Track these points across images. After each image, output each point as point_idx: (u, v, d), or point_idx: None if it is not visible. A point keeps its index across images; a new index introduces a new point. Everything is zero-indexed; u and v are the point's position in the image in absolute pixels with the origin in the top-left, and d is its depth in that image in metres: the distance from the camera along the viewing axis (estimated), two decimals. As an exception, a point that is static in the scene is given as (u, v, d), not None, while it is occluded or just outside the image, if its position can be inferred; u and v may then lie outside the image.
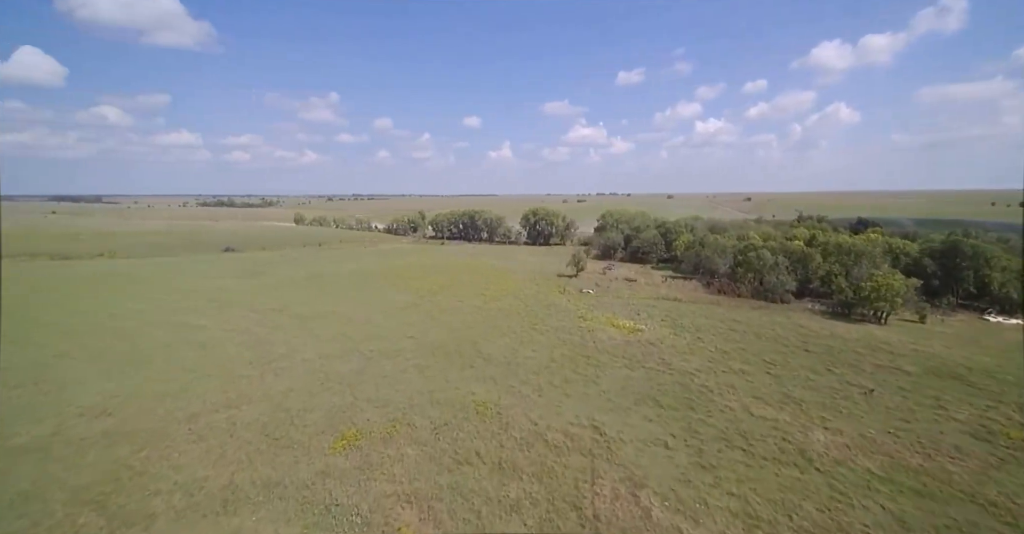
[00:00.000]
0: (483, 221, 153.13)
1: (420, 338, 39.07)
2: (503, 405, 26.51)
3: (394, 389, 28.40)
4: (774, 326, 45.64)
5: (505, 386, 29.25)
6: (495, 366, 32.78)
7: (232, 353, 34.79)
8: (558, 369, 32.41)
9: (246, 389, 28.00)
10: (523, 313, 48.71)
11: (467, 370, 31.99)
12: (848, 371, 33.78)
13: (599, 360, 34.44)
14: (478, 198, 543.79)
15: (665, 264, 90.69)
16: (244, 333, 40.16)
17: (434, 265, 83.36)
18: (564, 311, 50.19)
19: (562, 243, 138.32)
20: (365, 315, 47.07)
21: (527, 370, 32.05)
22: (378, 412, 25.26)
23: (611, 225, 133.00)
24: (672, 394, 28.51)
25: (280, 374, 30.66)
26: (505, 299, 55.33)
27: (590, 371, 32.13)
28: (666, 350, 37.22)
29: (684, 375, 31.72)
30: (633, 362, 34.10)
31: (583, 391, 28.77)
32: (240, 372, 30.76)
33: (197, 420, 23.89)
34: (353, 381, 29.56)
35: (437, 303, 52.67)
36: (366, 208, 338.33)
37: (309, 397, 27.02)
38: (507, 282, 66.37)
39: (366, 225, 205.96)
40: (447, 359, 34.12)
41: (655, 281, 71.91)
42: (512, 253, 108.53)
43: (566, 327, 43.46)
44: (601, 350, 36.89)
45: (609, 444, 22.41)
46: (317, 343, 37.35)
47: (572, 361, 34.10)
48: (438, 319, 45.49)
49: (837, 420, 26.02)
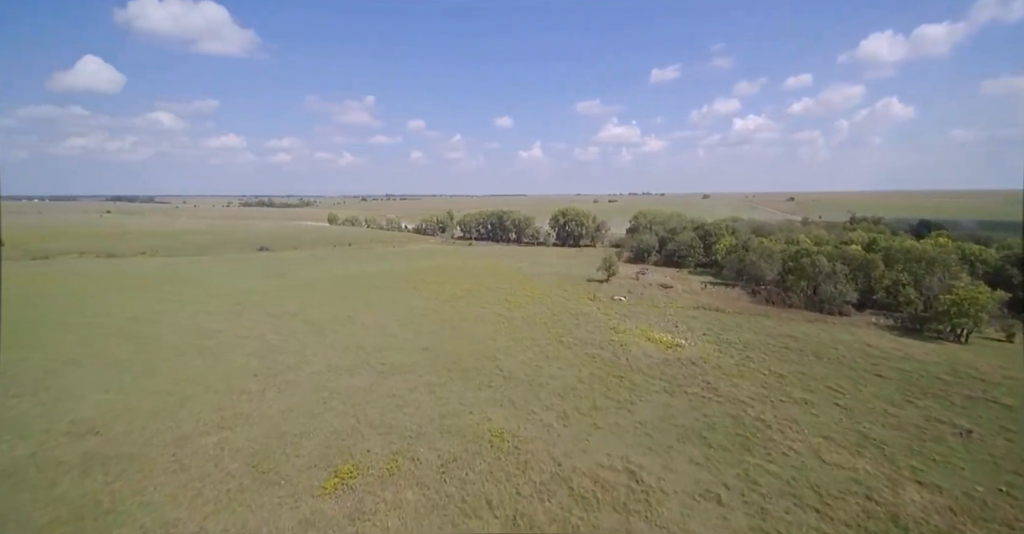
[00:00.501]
0: (511, 222, 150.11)
1: (436, 350, 36.17)
2: (522, 436, 23.09)
3: (402, 412, 25.51)
4: (836, 344, 40.14)
5: (526, 412, 25.82)
6: (516, 386, 29.39)
7: (240, 363, 32.93)
8: (587, 392, 28.68)
9: (245, 407, 25.78)
10: (549, 323, 45.12)
11: (484, 390, 28.75)
12: (934, 404, 28.46)
13: (633, 381, 30.45)
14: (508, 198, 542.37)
15: (704, 269, 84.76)
16: (257, 340, 38.45)
17: (458, 267, 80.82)
18: (594, 321, 46.24)
19: (592, 245, 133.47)
20: (382, 322, 44.72)
21: (551, 392, 28.49)
22: (380, 441, 22.37)
23: (644, 226, 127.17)
24: (722, 429, 24.29)
25: (284, 389, 28.38)
26: (530, 306, 51.87)
27: (623, 395, 28.23)
28: (711, 371, 32.78)
29: (735, 404, 27.34)
30: (673, 385, 29.93)
31: (615, 421, 24.97)
32: (243, 386, 28.68)
33: (184, 444, 21.69)
34: (359, 400, 26.88)
35: (458, 310, 49.80)
36: (398, 208, 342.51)
37: (309, 419, 24.47)
38: (533, 287, 62.87)
39: (396, 225, 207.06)
40: (463, 376, 31.01)
41: (693, 288, 66.64)
42: (540, 255, 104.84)
43: (596, 340, 39.58)
44: (636, 369, 32.85)
45: (648, 496, 18.59)
46: (328, 353, 35.08)
47: (603, 382, 30.28)
48: (457, 328, 42.53)
49: (932, 471, 21.17)
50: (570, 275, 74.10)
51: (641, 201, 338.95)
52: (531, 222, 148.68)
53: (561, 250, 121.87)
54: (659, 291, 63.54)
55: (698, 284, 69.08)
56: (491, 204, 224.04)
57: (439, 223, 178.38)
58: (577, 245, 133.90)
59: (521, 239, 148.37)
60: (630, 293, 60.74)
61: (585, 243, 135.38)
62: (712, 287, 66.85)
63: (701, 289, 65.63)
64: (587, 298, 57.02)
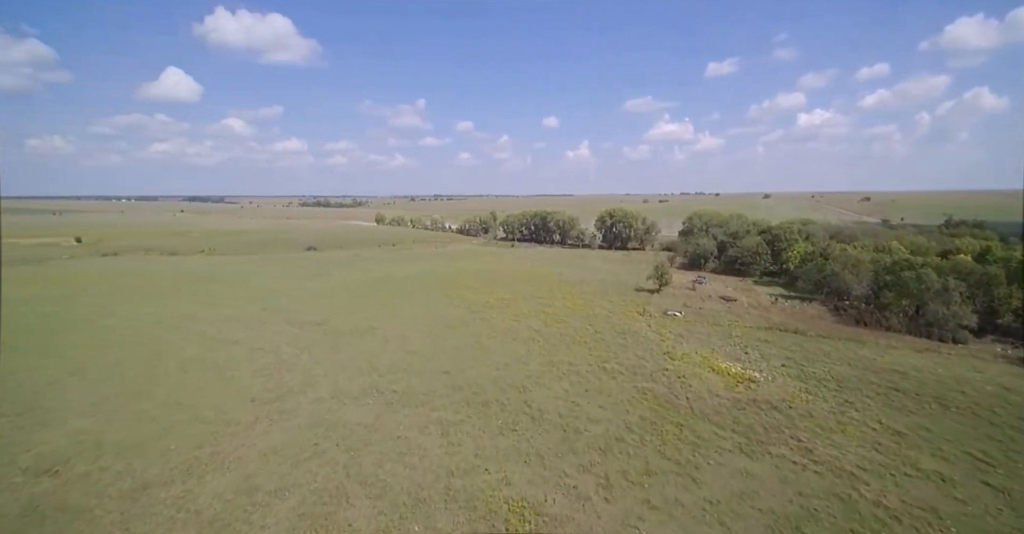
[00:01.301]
0: (555, 222, 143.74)
1: (457, 374, 31.35)
2: (549, 514, 17.59)
3: (403, 462, 20.77)
4: (961, 385, 31.30)
5: (556, 473, 20.26)
6: (546, 432, 23.87)
7: (244, 383, 29.74)
8: (636, 446, 22.65)
9: (227, 444, 22.08)
10: (591, 342, 39.13)
11: (507, 435, 23.48)
12: None
13: (698, 433, 24.02)
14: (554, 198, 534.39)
15: (771, 279, 74.83)
16: (270, 354, 35.44)
17: (495, 271, 76.13)
18: (644, 341, 39.72)
19: (641, 248, 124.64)
20: (405, 334, 40.67)
21: (590, 444, 22.71)
22: (368, 509, 17.67)
23: (699, 229, 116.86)
24: (828, 520, 17.54)
25: (277, 421, 24.57)
26: (571, 320, 46.02)
27: (685, 454, 21.94)
28: (800, 421, 25.61)
29: (841, 477, 20.31)
30: (752, 441, 23.21)
31: (675, 496, 18.85)
32: (235, 415, 25.18)
33: (140, 497, 18.07)
34: (357, 442, 22.46)
35: (490, 321, 44.89)
36: (445, 208, 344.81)
37: (292, 467, 20.28)
38: (575, 296, 56.85)
39: (439, 225, 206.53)
40: (483, 412, 25.91)
41: (761, 302, 57.88)
42: (584, 259, 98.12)
43: (647, 368, 33.19)
44: (699, 413, 26.30)
45: None
46: (338, 375, 31.19)
47: (657, 431, 24.08)
48: (484, 346, 37.56)
49: None
50: (616, 283, 67.29)
51: (694, 201, 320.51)
52: (576, 223, 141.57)
53: (607, 253, 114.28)
54: (720, 305, 55.50)
55: (766, 297, 60.14)
56: (536, 204, 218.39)
57: (482, 224, 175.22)
58: (624, 248, 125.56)
59: (565, 241, 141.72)
60: (686, 307, 53.26)
61: (633, 246, 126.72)
62: (784, 301, 57.77)
63: (771, 304, 56.82)
64: (636, 312, 50.29)
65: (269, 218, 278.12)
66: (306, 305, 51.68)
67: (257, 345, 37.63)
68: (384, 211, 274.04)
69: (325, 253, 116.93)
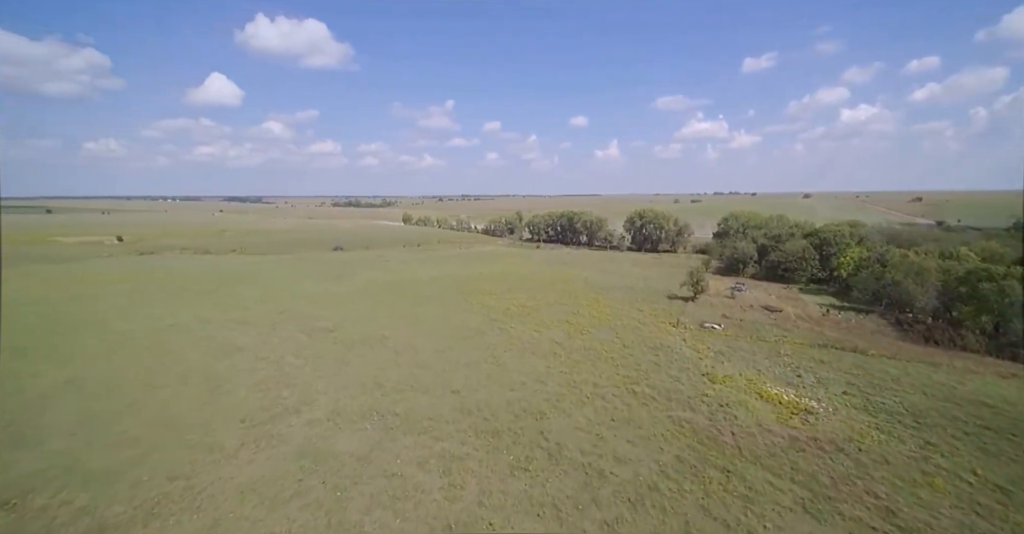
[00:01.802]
0: (582, 223, 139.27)
1: (467, 395, 28.22)
2: (565, 593, 14.20)
3: (393, 510, 17.76)
4: (1072, 425, 25.85)
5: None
6: (564, 473, 20.40)
7: (238, 398, 27.60)
8: (674, 497, 18.87)
9: (203, 477, 19.67)
10: (618, 359, 35.30)
11: (517, 476, 20.14)
12: None
13: (748, 482, 19.98)
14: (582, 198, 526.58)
15: (819, 286, 68.58)
16: (273, 365, 33.37)
17: (519, 275, 72.81)
18: (679, 359, 35.57)
19: (673, 250, 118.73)
20: (417, 344, 37.96)
21: (617, 494, 19.07)
22: (347, 573, 14.78)
23: (736, 230, 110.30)
24: (933, 624, 13.42)
25: (263, 449, 22.09)
26: (596, 331, 42.24)
27: (734, 512, 18.02)
28: (874, 469, 21.14)
29: (938, 555, 16.03)
30: (817, 496, 19.02)
31: (724, 573, 15.09)
32: (220, 439, 22.87)
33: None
34: (346, 479, 19.65)
35: (509, 332, 41.66)
36: (471, 208, 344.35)
37: (268, 511, 17.60)
38: (602, 304, 52.89)
39: (465, 226, 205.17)
40: (493, 445, 22.66)
41: (810, 313, 52.31)
42: (612, 262, 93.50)
43: (683, 393, 29.14)
44: (749, 454, 22.20)
45: None
46: (340, 393, 28.61)
47: (699, 478, 20.19)
48: (500, 361, 34.32)
49: None
50: (647, 289, 62.78)
51: (729, 201, 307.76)
52: (604, 224, 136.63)
53: (636, 256, 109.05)
54: (764, 316, 50.34)
55: (816, 308, 54.42)
56: (564, 204, 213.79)
57: (507, 224, 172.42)
58: (655, 250, 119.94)
59: (592, 242, 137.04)
60: (725, 318, 48.45)
61: (664, 248, 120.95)
62: (837, 313, 51.99)
63: (822, 316, 51.18)
64: (669, 323, 45.96)
65: (301, 218, 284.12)
66: (322, 309, 49.87)
67: (262, 354, 35.70)
68: (412, 211, 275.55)
69: (351, 253, 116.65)
